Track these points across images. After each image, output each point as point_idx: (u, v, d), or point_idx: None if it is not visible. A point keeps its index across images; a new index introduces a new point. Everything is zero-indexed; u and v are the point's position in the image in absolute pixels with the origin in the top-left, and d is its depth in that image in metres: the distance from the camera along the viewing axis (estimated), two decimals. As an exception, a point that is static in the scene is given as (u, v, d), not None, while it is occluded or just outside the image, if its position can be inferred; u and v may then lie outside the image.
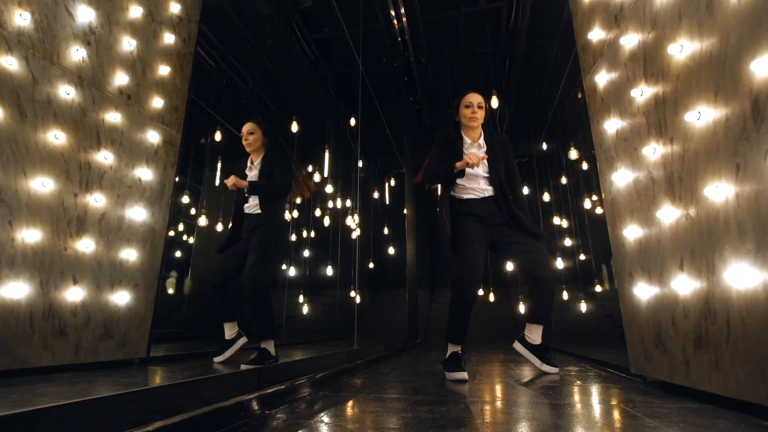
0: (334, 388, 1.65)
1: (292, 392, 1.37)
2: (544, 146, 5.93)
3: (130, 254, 2.28)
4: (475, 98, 2.21)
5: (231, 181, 2.37)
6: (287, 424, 1.09)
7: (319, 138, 6.25)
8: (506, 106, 6.24)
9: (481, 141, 2.26)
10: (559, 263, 5.62)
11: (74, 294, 1.99)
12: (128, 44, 2.39)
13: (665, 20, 1.45)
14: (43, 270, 1.86)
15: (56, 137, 1.96)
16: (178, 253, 5.39)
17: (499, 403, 1.36)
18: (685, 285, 1.36)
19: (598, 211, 5.44)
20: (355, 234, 5.18)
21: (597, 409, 1.27)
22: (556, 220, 6.12)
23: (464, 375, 1.89)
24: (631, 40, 1.69)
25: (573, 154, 4.67)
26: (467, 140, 2.25)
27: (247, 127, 2.57)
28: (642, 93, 1.60)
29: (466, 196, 2.16)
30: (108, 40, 2.27)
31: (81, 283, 2.02)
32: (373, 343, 4.84)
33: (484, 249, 2.12)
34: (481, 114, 2.20)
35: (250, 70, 5.75)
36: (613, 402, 1.36)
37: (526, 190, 6.79)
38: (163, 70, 2.63)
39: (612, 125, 1.86)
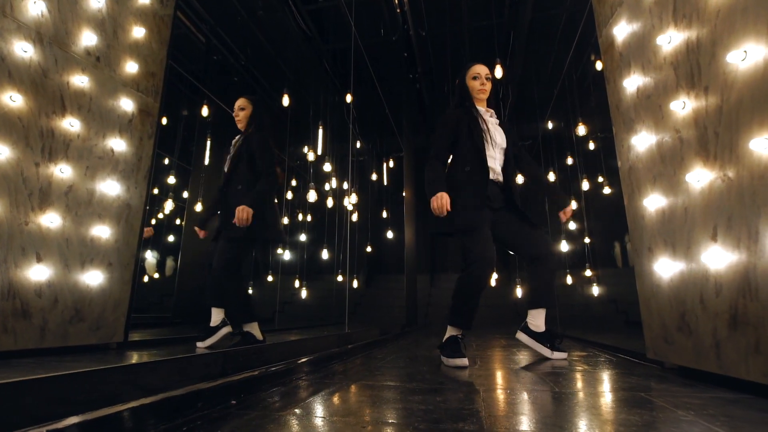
0: (319, 375, 1.49)
1: (266, 379, 1.21)
2: (550, 125, 5.69)
3: (102, 231, 2.10)
4: (482, 69, 2.12)
5: (243, 217, 2.12)
6: (253, 417, 0.92)
7: (313, 116, 6.02)
8: (510, 84, 5.98)
9: (493, 114, 2.15)
10: (564, 246, 5.44)
11: (38, 272, 1.81)
12: (96, 0, 2.17)
13: (702, -51, 1.23)
14: (1, 245, 1.69)
15: (12, 99, 1.76)
16: (171, 238, 5.23)
17: (501, 392, 1.19)
18: (718, 258, 1.18)
19: (606, 191, 5.24)
20: (352, 217, 4.99)
21: (613, 398, 1.10)
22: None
23: (465, 361, 1.73)
24: (657, -19, 1.47)
25: (581, 129, 4.44)
26: (480, 108, 2.12)
27: (238, 103, 2.45)
28: (670, 40, 1.39)
29: (467, 170, 2.00)
30: (72, -6, 2.05)
31: (46, 260, 1.85)
32: (370, 328, 4.71)
33: (488, 226, 1.97)
34: (489, 86, 2.11)
35: (241, 44, 5.49)
36: (632, 390, 1.19)
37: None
38: (138, 31, 2.41)
39: (632, 82, 1.65)
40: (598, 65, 4.09)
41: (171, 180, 4.89)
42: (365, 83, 5.75)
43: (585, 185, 5.39)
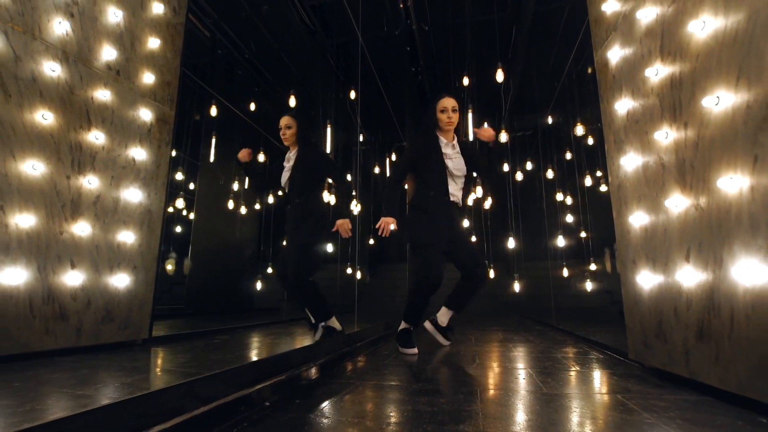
0: (335, 374, 1.67)
1: (292, 382, 1.38)
2: (550, 120, 5.78)
3: (127, 236, 2.26)
4: (449, 102, 2.36)
5: (345, 228, 2.44)
6: (287, 418, 1.09)
7: (317, 110, 6.09)
8: (512, 77, 6.03)
9: (455, 143, 2.42)
10: (560, 241, 5.60)
11: (73, 278, 1.98)
12: (114, 15, 2.27)
13: (687, -6, 1.34)
14: (40, 255, 1.84)
15: (44, 117, 1.89)
16: (178, 228, 5.39)
17: (496, 393, 1.36)
18: (690, 277, 1.34)
19: (603, 188, 5.36)
20: (356, 210, 5.13)
21: (594, 400, 1.27)
22: (559, 197, 6.06)
23: (414, 350, 2.25)
24: (648, 14, 1.58)
25: (579, 129, 4.54)
26: (443, 140, 2.39)
27: (285, 121, 2.60)
28: (657, 72, 1.51)
29: (432, 194, 2.33)
30: (92, 10, 2.15)
31: (79, 266, 2.01)
32: (374, 318, 4.91)
33: (444, 243, 2.29)
34: (455, 117, 2.36)
35: (245, 38, 5.53)
36: (611, 393, 1.36)
37: (529, 165, 6.70)
38: (153, 42, 2.51)
39: (623, 105, 1.78)
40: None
41: (179, 176, 5.01)
42: (368, 76, 5.81)
43: (587, 180, 5.51)
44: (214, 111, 4.50)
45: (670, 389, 1.37)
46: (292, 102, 4.03)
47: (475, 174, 2.57)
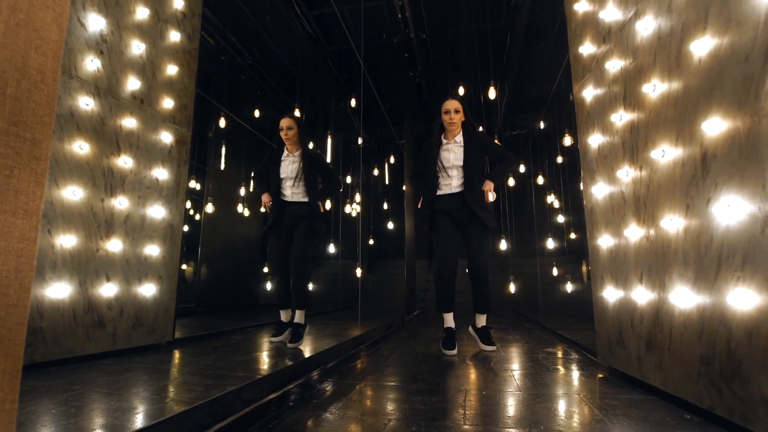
0: (343, 376, 1.93)
1: (309, 384, 1.63)
2: (542, 125, 6.00)
3: (153, 250, 2.50)
4: (451, 105, 2.63)
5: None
6: (307, 416, 1.35)
7: (320, 115, 6.30)
8: (506, 82, 6.24)
9: (458, 138, 2.67)
10: (550, 243, 5.87)
11: (108, 290, 2.23)
12: (137, 48, 2.48)
13: (644, 55, 1.58)
14: (80, 271, 2.09)
15: (81, 147, 2.12)
16: (185, 228, 5.62)
17: (480, 393, 1.63)
18: (642, 296, 1.59)
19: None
20: (357, 211, 5.38)
21: (559, 400, 1.54)
22: (550, 199, 6.31)
23: (453, 352, 2.47)
24: (615, 65, 1.81)
25: (567, 140, 4.78)
26: (445, 140, 2.70)
27: (286, 122, 2.83)
28: (621, 118, 1.75)
29: (439, 192, 2.65)
30: (119, 46, 2.36)
31: (113, 279, 2.25)
32: (374, 314, 5.20)
33: (455, 236, 2.61)
34: (457, 118, 2.63)
35: (249, 45, 5.71)
36: (575, 393, 1.63)
37: (522, 168, 6.93)
38: (171, 69, 2.72)
39: (595, 140, 2.02)
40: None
41: (192, 184, 5.24)
42: (367, 81, 6.00)
43: (572, 183, 5.76)
44: (222, 123, 4.71)
45: (626, 389, 1.64)
46: (297, 113, 4.24)
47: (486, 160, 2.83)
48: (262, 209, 2.96)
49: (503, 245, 6.27)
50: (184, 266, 5.07)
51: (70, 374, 1.78)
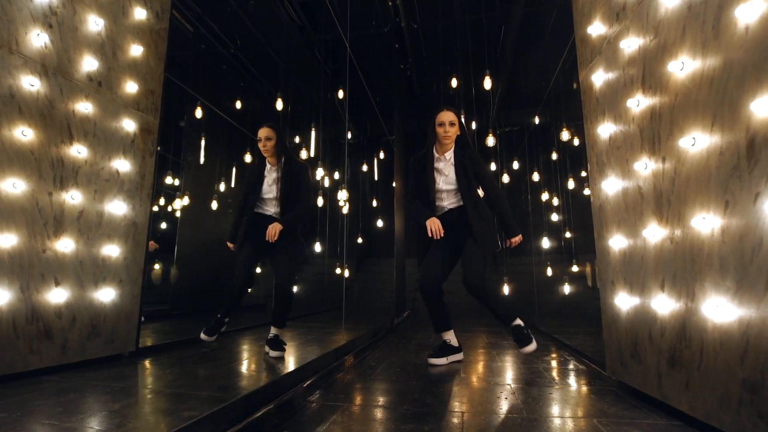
0: (323, 395, 1.70)
1: (281, 410, 1.41)
2: (537, 120, 5.83)
3: (112, 250, 2.23)
4: (446, 117, 2.35)
5: (273, 232, 2.36)
6: (275, 451, 1.12)
7: (305, 107, 6.03)
8: (499, 76, 6.05)
9: (449, 155, 2.41)
10: (545, 242, 5.71)
11: (57, 295, 1.96)
12: (95, 24, 2.20)
13: (668, 30, 1.37)
14: (22, 274, 1.82)
15: (23, 134, 1.84)
16: (163, 225, 5.32)
17: (479, 418, 1.41)
18: (664, 305, 1.40)
19: (587, 192, 5.47)
20: (344, 209, 5.14)
21: (572, 426, 1.33)
22: (545, 196, 6.15)
23: (459, 357, 2.37)
24: (631, 44, 1.61)
25: (565, 135, 4.61)
26: (436, 155, 2.45)
27: (264, 133, 2.54)
28: (638, 103, 1.55)
29: (437, 212, 2.40)
30: (72, 20, 2.08)
31: (64, 284, 1.99)
32: (363, 315, 4.97)
33: (447, 253, 2.35)
34: (453, 131, 2.36)
35: (231, 33, 5.41)
36: (588, 416, 1.43)
37: (515, 165, 6.76)
38: (135, 50, 2.45)
39: (605, 130, 1.82)
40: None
41: (168, 179, 4.93)
42: (357, 72, 5.76)
43: (570, 181, 5.61)
44: (199, 113, 4.42)
45: (645, 412, 1.44)
46: (279, 105, 3.98)
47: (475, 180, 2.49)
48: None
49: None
50: (157, 266, 4.76)
51: (2, 396, 1.52)
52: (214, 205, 5.57)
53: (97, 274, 2.16)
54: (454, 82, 4.48)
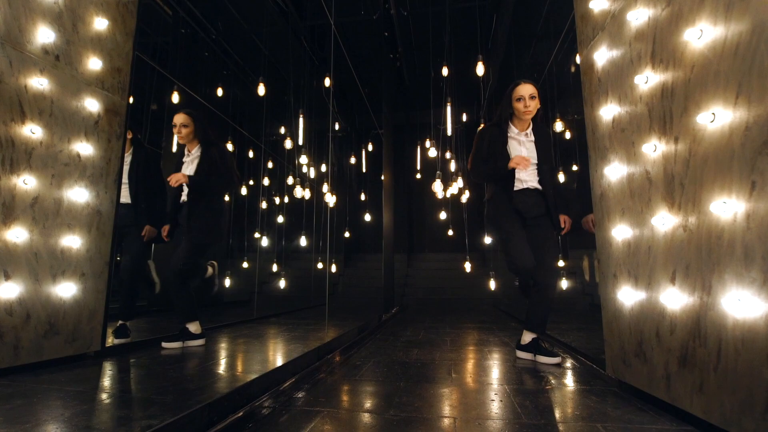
0: (301, 399, 1.55)
1: (251, 417, 1.25)
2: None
3: (73, 241, 2.04)
4: (526, 90, 2.17)
5: (176, 178, 2.42)
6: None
7: (290, 96, 5.82)
8: (491, 67, 5.92)
9: (529, 131, 2.26)
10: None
11: (8, 290, 1.76)
12: (51, -9, 1.99)
13: (683, -3, 1.24)
14: (-36, 267, 1.62)
15: (-36, 109, 1.64)
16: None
17: (474, 424, 1.28)
18: (674, 299, 1.28)
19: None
20: (330, 202, 4.97)
21: (572, 429, 1.21)
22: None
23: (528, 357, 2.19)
24: (639, 15, 1.48)
25: (558, 126, 4.51)
26: (514, 129, 2.26)
27: (181, 120, 2.52)
28: (647, 80, 1.42)
29: (515, 188, 2.21)
30: (24, -15, 1.87)
31: (15, 277, 1.79)
32: (350, 311, 4.82)
33: (527, 239, 2.20)
34: (533, 104, 2.17)
35: (212, 17, 5.17)
36: (590, 420, 1.30)
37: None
38: (100, 23, 2.24)
39: (608, 111, 1.69)
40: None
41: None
42: (344, 61, 5.57)
43: (560, 175, 5.52)
44: (176, 98, 4.18)
45: (651, 416, 1.33)
46: (261, 91, 3.77)
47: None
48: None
49: (486, 240, 5.99)
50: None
51: (-67, 406, 1.33)
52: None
53: (56, 267, 1.96)
54: (444, 71, 4.33)
